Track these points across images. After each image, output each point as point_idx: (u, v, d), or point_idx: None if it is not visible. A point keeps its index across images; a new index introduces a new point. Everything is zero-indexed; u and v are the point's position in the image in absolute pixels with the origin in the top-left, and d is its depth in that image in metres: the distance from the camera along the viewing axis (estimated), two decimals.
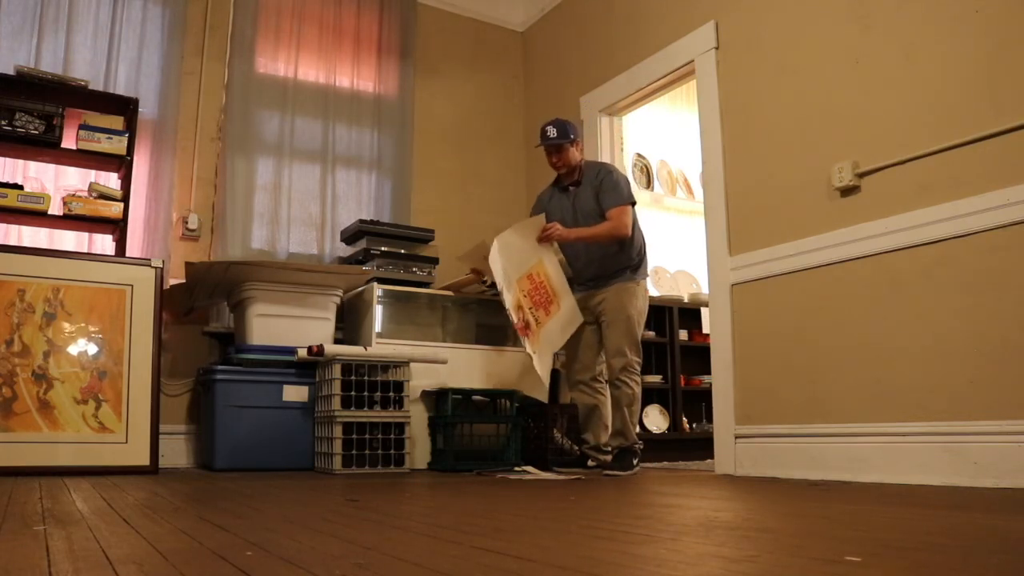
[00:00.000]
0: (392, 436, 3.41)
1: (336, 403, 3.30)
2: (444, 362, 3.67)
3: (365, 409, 3.36)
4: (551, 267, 3.44)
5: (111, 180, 3.80)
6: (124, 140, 3.63)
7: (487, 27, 5.12)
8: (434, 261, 4.18)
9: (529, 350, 3.27)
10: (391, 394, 3.43)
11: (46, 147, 3.50)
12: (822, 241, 2.91)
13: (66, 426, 3.11)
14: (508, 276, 3.30)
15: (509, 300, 3.27)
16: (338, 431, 3.27)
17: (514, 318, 3.27)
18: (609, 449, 3.37)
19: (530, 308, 3.35)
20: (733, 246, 3.32)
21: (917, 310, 2.59)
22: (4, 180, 3.46)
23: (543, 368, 3.30)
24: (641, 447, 3.34)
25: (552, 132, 3.41)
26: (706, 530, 1.45)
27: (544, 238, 3.37)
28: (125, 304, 3.34)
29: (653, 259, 3.62)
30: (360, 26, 4.59)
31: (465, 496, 2.24)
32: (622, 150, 4.46)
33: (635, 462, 3.25)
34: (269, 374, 3.51)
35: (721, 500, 2.13)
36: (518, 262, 3.36)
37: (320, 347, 3.40)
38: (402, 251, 4.10)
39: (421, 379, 3.65)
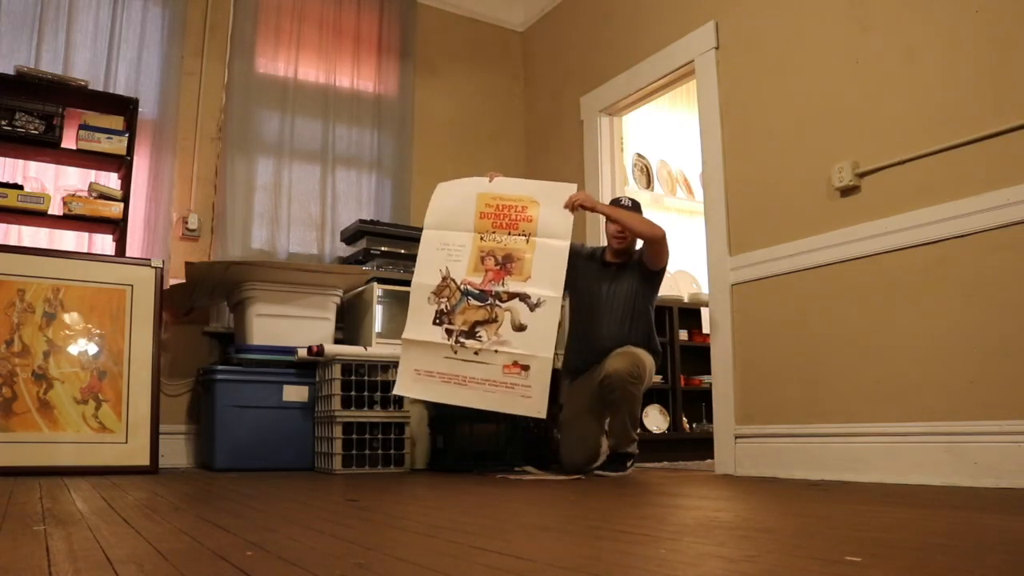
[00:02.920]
0: (392, 436, 3.41)
1: (336, 403, 3.31)
2: None
3: (365, 409, 3.36)
4: (493, 188, 3.20)
5: (111, 180, 3.80)
6: (124, 140, 3.63)
7: (487, 27, 5.12)
8: None
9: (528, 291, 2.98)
10: (391, 394, 3.43)
11: (46, 147, 3.50)
12: (822, 241, 2.91)
13: (66, 426, 3.11)
14: (453, 231, 3.11)
15: (468, 258, 3.06)
16: (338, 431, 3.28)
17: (477, 273, 3.03)
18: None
19: (508, 235, 3.09)
20: (733, 246, 3.31)
21: (917, 310, 2.59)
22: (4, 180, 3.46)
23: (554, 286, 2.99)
24: (636, 452, 3.31)
25: (627, 202, 3.30)
26: (706, 530, 1.45)
27: (572, 205, 3.09)
28: (125, 304, 3.34)
29: None
30: (360, 26, 4.59)
31: (465, 496, 2.24)
32: (622, 150, 4.46)
33: (628, 464, 3.23)
34: (269, 374, 3.51)
35: (721, 500, 2.13)
36: (460, 212, 3.15)
37: (320, 347, 3.40)
38: (402, 251, 4.10)
39: None
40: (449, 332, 3.02)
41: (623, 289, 3.27)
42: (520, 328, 2.98)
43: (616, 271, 3.31)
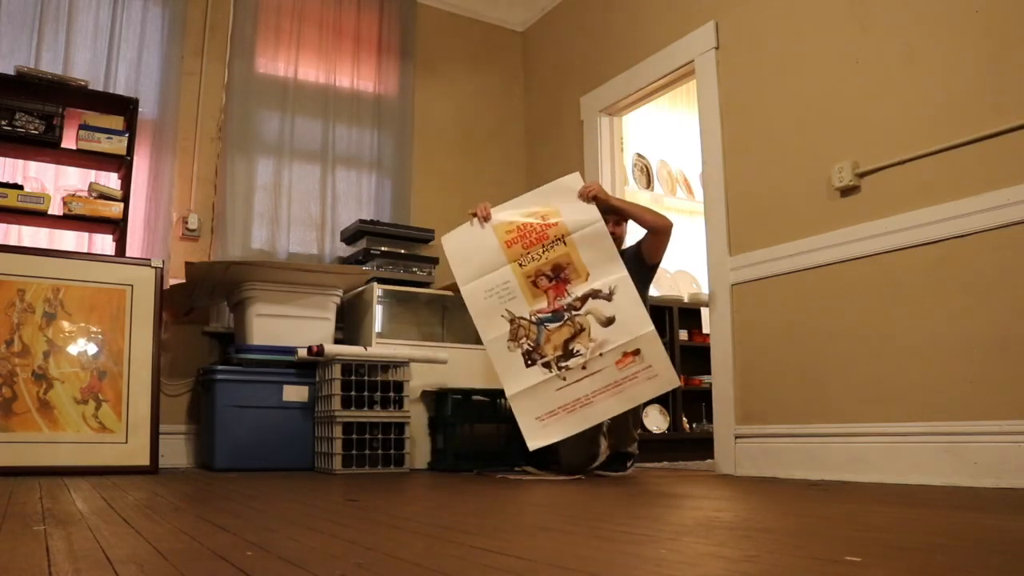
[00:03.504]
0: (392, 436, 3.41)
1: (336, 403, 3.30)
2: (444, 362, 3.67)
3: (365, 409, 3.36)
4: (509, 217, 3.09)
5: (111, 180, 3.80)
6: (124, 140, 3.63)
7: (487, 27, 5.12)
8: (434, 261, 4.18)
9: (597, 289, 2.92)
10: (391, 394, 3.43)
11: (46, 147, 3.50)
12: (822, 241, 2.91)
13: (66, 426, 3.10)
14: (493, 271, 3.01)
15: (520, 291, 2.97)
16: (338, 431, 3.28)
17: (534, 304, 2.95)
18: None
19: (543, 249, 2.99)
20: (733, 246, 3.31)
21: (917, 310, 2.59)
22: (4, 180, 3.46)
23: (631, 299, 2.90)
24: (636, 453, 3.31)
25: None
26: (706, 530, 1.45)
27: (587, 196, 3.05)
28: (125, 304, 3.34)
29: None
30: (360, 26, 4.59)
31: (465, 496, 2.24)
32: (622, 150, 4.46)
33: (629, 464, 3.23)
34: (269, 374, 3.51)
35: (721, 500, 2.13)
36: (485, 253, 3.03)
37: (320, 347, 3.40)
38: (402, 251, 4.10)
39: (421, 379, 3.65)
40: (547, 365, 2.92)
41: None
42: (609, 322, 2.91)
43: None
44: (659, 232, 3.19)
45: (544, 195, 3.15)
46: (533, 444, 2.92)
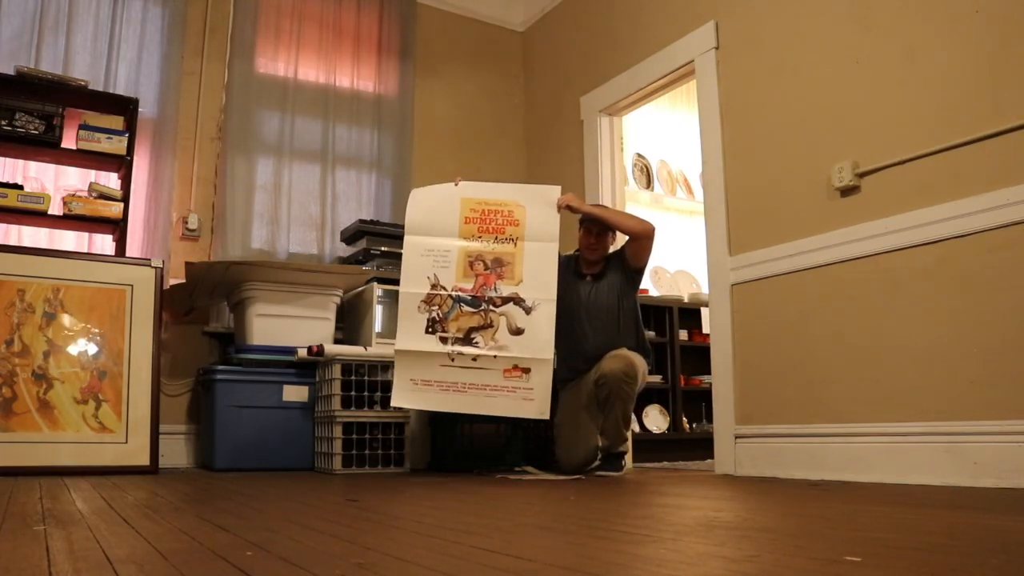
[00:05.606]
0: (392, 436, 3.41)
1: (336, 403, 3.31)
2: None
3: (365, 409, 3.36)
4: (477, 193, 3.18)
5: (111, 180, 3.80)
6: (124, 140, 3.63)
7: (487, 27, 5.12)
8: None
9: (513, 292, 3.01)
10: (391, 394, 3.42)
11: (46, 147, 3.50)
12: (822, 241, 2.91)
13: (66, 426, 3.10)
14: (442, 235, 3.08)
15: (455, 264, 3.04)
16: (338, 431, 3.28)
17: (466, 282, 3.02)
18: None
19: (495, 240, 3.07)
20: (733, 246, 3.31)
21: (917, 310, 2.59)
22: (4, 180, 3.46)
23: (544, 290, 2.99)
24: (627, 450, 3.31)
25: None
26: (706, 530, 1.45)
27: (559, 205, 3.10)
28: (125, 304, 3.34)
29: (653, 259, 3.58)
30: (360, 26, 4.59)
31: (465, 496, 2.24)
32: (622, 150, 4.46)
33: (622, 463, 3.24)
34: (269, 374, 3.51)
35: (721, 500, 2.13)
36: (443, 217, 3.11)
37: (320, 347, 3.40)
38: (402, 251, 4.09)
39: None
40: (444, 340, 3.00)
41: (604, 295, 3.27)
42: (518, 332, 3.00)
43: (593, 279, 3.31)
44: (639, 238, 3.21)
45: (521, 192, 3.20)
46: (396, 402, 3.04)
